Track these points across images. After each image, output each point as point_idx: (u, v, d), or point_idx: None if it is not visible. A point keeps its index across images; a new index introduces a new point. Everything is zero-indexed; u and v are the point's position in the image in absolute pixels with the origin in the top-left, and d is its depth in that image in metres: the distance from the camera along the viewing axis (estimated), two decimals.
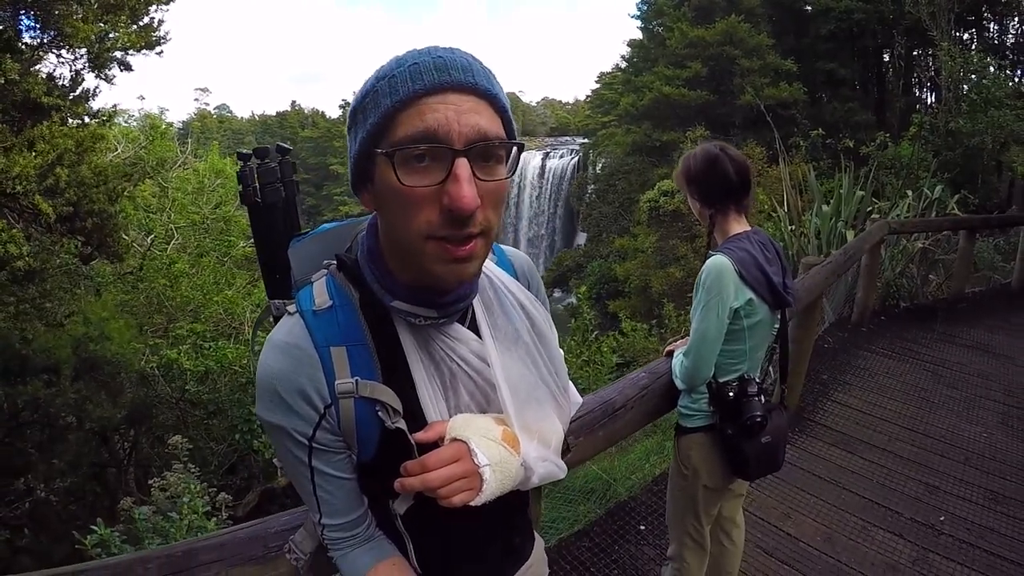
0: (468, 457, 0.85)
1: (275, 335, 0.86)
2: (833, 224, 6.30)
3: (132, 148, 11.17)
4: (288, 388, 0.83)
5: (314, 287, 0.89)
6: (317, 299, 0.87)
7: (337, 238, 0.99)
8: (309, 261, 0.96)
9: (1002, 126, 10.13)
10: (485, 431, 0.88)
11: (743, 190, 1.82)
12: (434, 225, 0.75)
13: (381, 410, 0.85)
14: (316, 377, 0.84)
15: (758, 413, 1.75)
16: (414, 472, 0.83)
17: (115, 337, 6.84)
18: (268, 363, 0.84)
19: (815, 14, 22.02)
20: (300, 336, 0.84)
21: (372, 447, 0.88)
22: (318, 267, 0.93)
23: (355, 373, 0.85)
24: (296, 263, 0.97)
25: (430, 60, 0.75)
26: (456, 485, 0.83)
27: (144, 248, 9.84)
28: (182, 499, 3.44)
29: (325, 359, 0.84)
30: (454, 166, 0.72)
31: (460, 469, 0.84)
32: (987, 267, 8.04)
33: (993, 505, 3.28)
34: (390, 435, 0.86)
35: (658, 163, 23.55)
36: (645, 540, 3.06)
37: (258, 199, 1.02)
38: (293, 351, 0.84)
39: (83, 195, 5.08)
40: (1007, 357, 5.30)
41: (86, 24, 5.73)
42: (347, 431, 0.86)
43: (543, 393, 0.99)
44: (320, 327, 0.85)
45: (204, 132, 49.27)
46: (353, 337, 0.86)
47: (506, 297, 0.97)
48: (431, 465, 0.82)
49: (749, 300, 1.74)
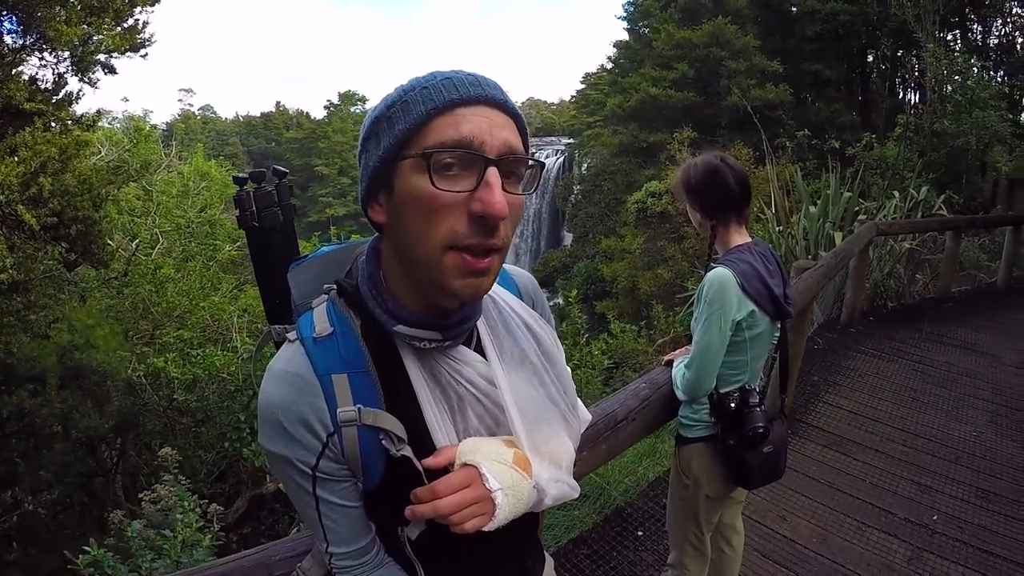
0: (479, 482, 0.84)
1: (276, 364, 0.85)
2: (821, 225, 6.36)
3: (116, 151, 11.04)
4: (290, 417, 0.82)
5: (315, 313, 0.88)
6: (317, 326, 0.86)
7: (336, 261, 0.98)
8: (309, 285, 0.95)
9: (986, 126, 10.27)
10: (496, 455, 0.87)
11: (744, 201, 1.82)
12: (460, 234, 0.74)
13: (385, 438, 0.84)
14: (318, 406, 0.82)
15: (760, 424, 1.75)
16: (424, 499, 0.81)
17: (101, 345, 6.74)
18: (269, 393, 0.83)
19: (801, 16, 22.11)
20: (301, 364, 0.83)
21: (378, 474, 0.86)
22: (318, 291, 0.92)
23: (357, 401, 0.83)
24: (296, 287, 0.96)
25: (464, 76, 0.78)
26: (468, 511, 0.82)
27: (129, 253, 9.71)
28: (175, 514, 3.38)
29: (327, 387, 0.83)
30: (486, 174, 0.74)
31: (472, 495, 0.83)
32: (973, 266, 8.15)
33: (985, 503, 3.31)
34: (396, 462, 0.84)
35: (645, 164, 23.50)
36: (643, 546, 3.06)
37: (255, 223, 1.01)
38: (294, 380, 0.83)
39: (67, 203, 4.99)
40: (994, 356, 5.37)
41: (69, 27, 5.64)
42: (351, 459, 0.85)
43: (552, 413, 0.98)
44: (321, 355, 0.84)
45: (188, 133, 48.84)
46: (355, 364, 0.85)
47: (511, 317, 0.96)
48: (442, 492, 0.81)
49: (751, 312, 1.75)
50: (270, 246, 1.02)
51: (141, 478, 6.71)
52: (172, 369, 6.31)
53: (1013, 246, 7.49)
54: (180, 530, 3.30)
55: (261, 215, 1.00)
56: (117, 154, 10.84)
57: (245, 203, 1.01)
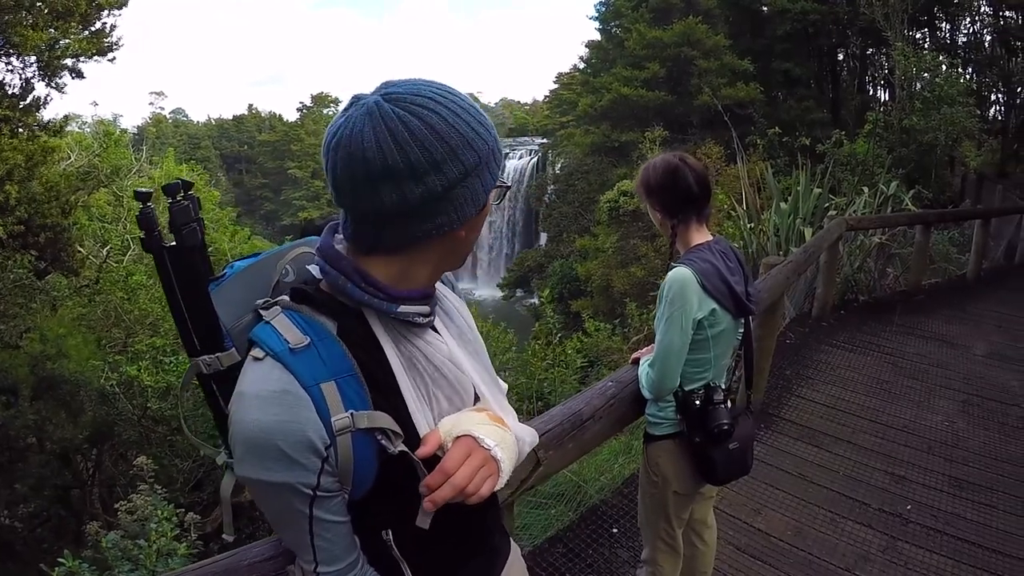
0: (478, 447, 0.86)
1: (252, 387, 0.80)
2: (792, 221, 6.43)
3: (86, 156, 10.86)
4: (290, 439, 0.78)
5: (276, 325, 0.84)
6: (289, 337, 0.82)
7: (258, 274, 0.95)
8: (235, 305, 0.91)
9: (954, 122, 10.47)
10: (476, 421, 0.91)
11: (704, 199, 1.83)
12: None
13: (383, 437, 0.83)
14: (313, 420, 0.79)
15: (725, 421, 1.77)
16: (438, 483, 0.81)
17: (73, 354, 6.63)
18: (258, 418, 0.78)
19: (771, 15, 22.30)
20: (284, 380, 0.80)
21: (370, 479, 0.86)
22: (247, 309, 0.90)
23: (348, 406, 0.82)
24: (222, 310, 0.90)
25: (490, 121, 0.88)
26: (480, 475, 0.85)
27: (100, 260, 9.54)
28: (150, 524, 3.34)
29: (317, 398, 0.80)
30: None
31: (477, 460, 0.85)
32: (943, 259, 8.28)
33: (957, 492, 3.37)
34: (390, 461, 0.84)
35: (617, 163, 23.54)
36: (618, 543, 3.08)
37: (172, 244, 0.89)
38: (283, 398, 0.79)
39: (35, 211, 4.89)
40: (964, 347, 5.46)
41: (35, 31, 5.53)
42: (344, 468, 0.83)
43: (492, 378, 1.05)
44: (303, 365, 0.81)
45: (159, 137, 47.81)
46: (341, 369, 0.83)
47: (444, 299, 1.02)
48: (451, 468, 0.82)
49: (712, 310, 1.76)
50: (193, 267, 0.90)
51: (118, 488, 6.61)
52: (145, 377, 6.21)
53: (982, 239, 7.64)
54: (155, 539, 3.27)
55: (182, 232, 0.88)
56: (87, 159, 10.66)
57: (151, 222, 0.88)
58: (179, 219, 0.88)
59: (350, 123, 0.78)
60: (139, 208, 0.87)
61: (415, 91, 0.80)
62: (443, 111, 0.79)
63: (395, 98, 0.79)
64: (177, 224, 0.87)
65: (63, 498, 6.79)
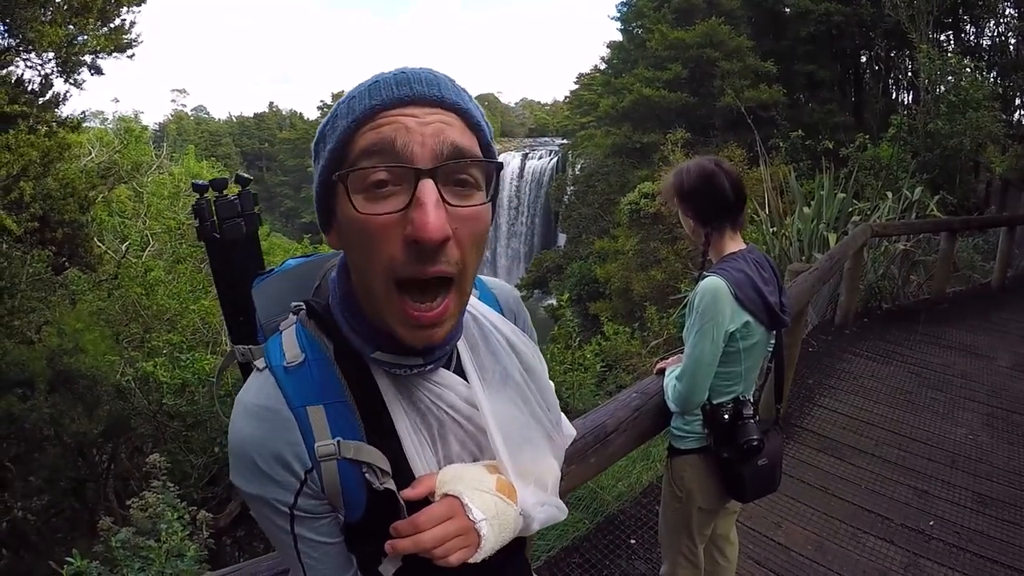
0: (462, 513, 0.79)
1: (245, 397, 0.78)
2: (815, 226, 6.33)
3: (107, 152, 10.97)
4: (264, 455, 0.75)
5: (283, 338, 0.82)
6: (288, 353, 0.79)
7: (304, 276, 0.92)
8: (275, 302, 0.89)
9: (979, 127, 10.25)
10: (477, 483, 0.82)
11: (739, 207, 1.77)
12: (397, 262, 0.67)
13: (368, 471, 0.79)
14: (294, 441, 0.76)
15: (755, 437, 1.71)
16: (405, 533, 0.76)
17: (90, 349, 6.68)
18: (241, 429, 0.77)
19: (794, 16, 22.15)
20: (272, 397, 0.77)
21: (360, 508, 0.81)
22: (285, 309, 0.86)
23: (336, 433, 0.77)
24: (260, 305, 0.90)
25: (391, 76, 0.69)
26: (452, 543, 0.77)
27: (119, 255, 9.64)
28: (160, 523, 3.33)
29: (302, 420, 0.77)
30: (418, 188, 0.65)
31: (454, 527, 0.78)
32: (967, 267, 8.15)
33: (981, 508, 3.29)
34: (378, 495, 0.79)
35: (638, 165, 23.53)
36: (636, 554, 3.02)
37: (216, 234, 0.94)
38: (265, 415, 0.76)
39: (50, 207, 4.92)
40: (989, 357, 5.35)
41: (53, 27, 5.56)
42: (332, 494, 0.79)
43: (536, 432, 0.92)
44: (293, 385, 0.78)
45: (181, 134, 48.58)
46: (330, 394, 0.79)
47: (492, 335, 0.90)
48: (423, 525, 0.76)
49: (746, 323, 1.70)
50: (232, 260, 0.94)
51: (132, 482, 6.67)
52: (161, 373, 6.25)
53: (1007, 246, 7.50)
54: (166, 538, 3.26)
55: (223, 226, 0.93)
56: (108, 155, 10.76)
57: (205, 213, 0.94)
58: (223, 213, 0.93)
59: None
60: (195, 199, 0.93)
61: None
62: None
63: None
64: (221, 217, 0.92)
65: (77, 490, 6.86)
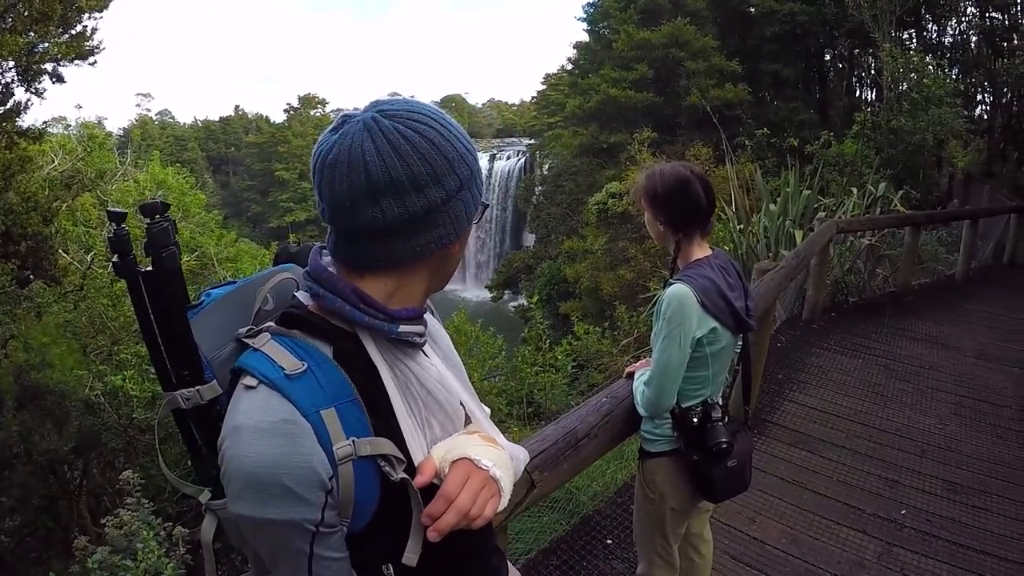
0: (476, 469, 0.84)
1: (248, 418, 0.75)
2: (781, 223, 6.42)
3: (70, 160, 10.70)
4: (296, 473, 0.74)
5: (267, 352, 0.80)
6: (284, 363, 0.78)
7: (239, 302, 0.91)
8: (214, 335, 0.86)
9: (942, 123, 10.52)
10: (471, 443, 0.89)
11: (710, 213, 1.78)
12: None
13: (385, 464, 0.80)
14: (316, 449, 0.75)
15: (724, 440, 1.73)
16: (439, 511, 0.79)
17: (57, 364, 6.53)
18: (259, 453, 0.73)
19: (759, 16, 22.41)
20: (283, 408, 0.75)
21: (371, 510, 0.82)
22: (227, 339, 0.85)
23: (349, 433, 0.78)
24: (200, 340, 0.84)
25: None
26: (482, 497, 0.83)
27: (85, 266, 9.41)
28: (136, 541, 3.28)
29: (318, 425, 0.76)
30: None
31: (476, 482, 0.83)
32: (932, 260, 8.34)
33: (952, 495, 3.38)
34: (391, 490, 0.81)
35: (605, 164, 23.51)
36: (613, 554, 3.04)
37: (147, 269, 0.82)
38: (284, 428, 0.74)
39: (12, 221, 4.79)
40: (955, 348, 5.49)
41: (12, 36, 5.42)
42: (345, 499, 0.79)
43: (477, 399, 1.03)
44: (301, 392, 0.77)
45: (145, 139, 47.23)
46: (341, 395, 0.80)
47: (431, 319, 1.00)
48: (452, 493, 0.80)
49: (712, 329, 1.72)
50: (172, 293, 0.83)
51: (105, 499, 6.54)
52: (130, 387, 6.13)
53: (971, 239, 7.72)
54: (143, 558, 3.21)
55: (161, 255, 0.81)
56: (71, 163, 10.50)
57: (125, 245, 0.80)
58: (159, 241, 0.81)
59: (347, 139, 0.78)
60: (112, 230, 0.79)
61: (409, 108, 0.83)
62: (438, 127, 0.82)
63: (392, 114, 0.80)
64: (157, 246, 0.81)
65: (50, 509, 6.73)
